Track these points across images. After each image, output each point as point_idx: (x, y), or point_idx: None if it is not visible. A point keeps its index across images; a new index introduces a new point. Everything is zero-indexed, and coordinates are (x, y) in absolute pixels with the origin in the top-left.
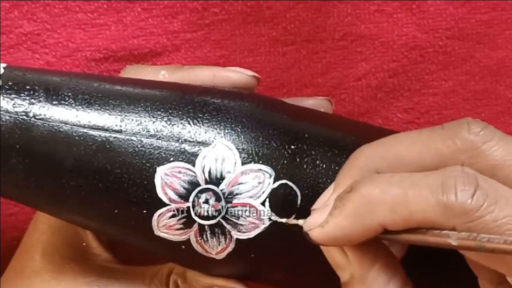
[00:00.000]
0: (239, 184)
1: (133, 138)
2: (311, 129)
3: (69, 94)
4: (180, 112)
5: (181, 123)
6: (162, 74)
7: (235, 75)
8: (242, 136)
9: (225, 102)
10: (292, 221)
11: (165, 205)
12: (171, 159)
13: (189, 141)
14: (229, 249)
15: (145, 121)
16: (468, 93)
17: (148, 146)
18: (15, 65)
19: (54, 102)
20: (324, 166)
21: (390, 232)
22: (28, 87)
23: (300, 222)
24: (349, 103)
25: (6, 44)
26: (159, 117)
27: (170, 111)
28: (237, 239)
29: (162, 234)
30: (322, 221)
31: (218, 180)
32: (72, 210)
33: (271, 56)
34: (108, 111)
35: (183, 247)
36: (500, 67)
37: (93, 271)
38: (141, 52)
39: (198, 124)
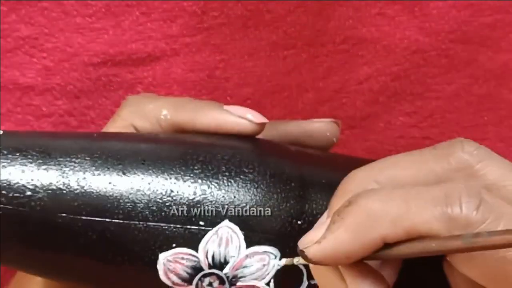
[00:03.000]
0: (244, 267)
1: (133, 225)
2: (319, 195)
3: (64, 184)
4: (181, 196)
5: (182, 206)
6: (164, 114)
7: (239, 127)
8: (247, 215)
9: (230, 170)
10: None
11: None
12: (173, 245)
13: (191, 225)
14: None
15: (145, 207)
16: (471, 96)
17: (149, 232)
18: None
19: (49, 192)
20: None
21: (385, 248)
22: (27, 182)
23: (295, 260)
24: (350, 108)
25: (4, 48)
26: (160, 202)
27: (171, 196)
28: None
29: None
30: (319, 238)
31: (221, 265)
32: None
33: (272, 60)
34: (107, 199)
35: None
36: (504, 71)
37: None
38: (140, 57)
39: (200, 206)
